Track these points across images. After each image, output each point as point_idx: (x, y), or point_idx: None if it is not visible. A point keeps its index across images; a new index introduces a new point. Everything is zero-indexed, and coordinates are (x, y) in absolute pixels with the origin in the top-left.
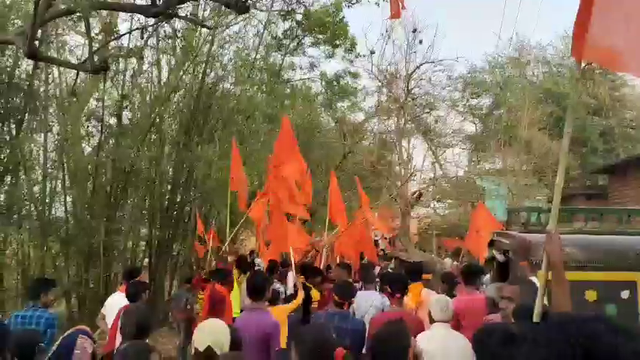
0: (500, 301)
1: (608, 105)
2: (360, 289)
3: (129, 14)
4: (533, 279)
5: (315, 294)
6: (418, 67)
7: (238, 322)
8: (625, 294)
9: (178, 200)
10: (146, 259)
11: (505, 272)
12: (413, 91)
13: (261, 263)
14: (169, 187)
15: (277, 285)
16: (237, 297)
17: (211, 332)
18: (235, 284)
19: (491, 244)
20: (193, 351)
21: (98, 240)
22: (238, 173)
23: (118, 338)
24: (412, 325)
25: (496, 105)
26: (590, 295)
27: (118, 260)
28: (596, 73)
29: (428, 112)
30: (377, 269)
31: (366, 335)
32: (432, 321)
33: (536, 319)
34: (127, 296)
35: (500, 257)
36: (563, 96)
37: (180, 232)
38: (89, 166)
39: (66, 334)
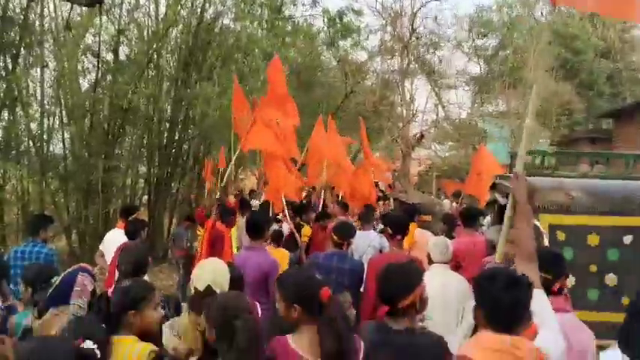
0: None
1: (616, 47)
2: (359, 229)
3: None
4: (536, 222)
5: (306, 230)
6: (424, 5)
7: (237, 261)
8: (627, 239)
9: (177, 138)
10: (145, 197)
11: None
12: (417, 30)
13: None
14: (168, 124)
15: (276, 226)
16: (234, 236)
17: (211, 271)
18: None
19: (493, 186)
20: (193, 290)
21: (96, 177)
22: (241, 113)
23: (117, 275)
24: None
25: (502, 46)
26: (592, 240)
27: (117, 197)
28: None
29: (432, 52)
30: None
31: (364, 275)
32: (430, 262)
33: (498, 259)
34: (126, 233)
35: (502, 200)
36: (572, 37)
37: (179, 170)
38: (86, 103)
39: (67, 271)
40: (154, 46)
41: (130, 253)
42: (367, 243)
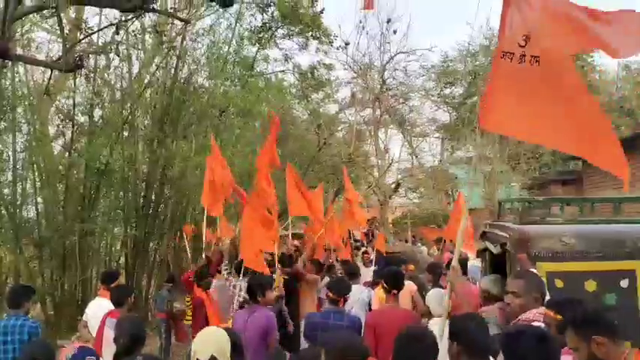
0: (506, 295)
1: None
2: None
3: (98, 9)
4: (534, 270)
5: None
6: (392, 58)
7: (237, 322)
8: (624, 283)
9: (154, 198)
10: (122, 259)
11: (499, 265)
12: (387, 82)
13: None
14: (144, 185)
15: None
16: None
17: (213, 342)
18: None
19: (483, 235)
20: None
21: (72, 241)
22: (215, 172)
23: (108, 346)
24: (408, 320)
25: (469, 94)
26: (590, 285)
27: (94, 262)
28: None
29: (403, 103)
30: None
31: (362, 330)
32: (429, 315)
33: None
34: (112, 301)
35: (495, 249)
36: None
37: (157, 231)
38: (60, 166)
39: (71, 355)
40: (129, 106)
41: (126, 326)
42: (356, 297)
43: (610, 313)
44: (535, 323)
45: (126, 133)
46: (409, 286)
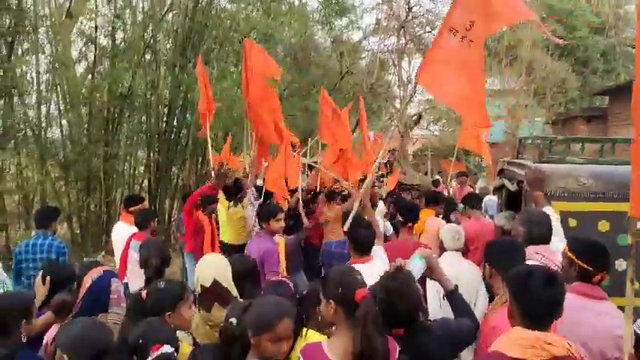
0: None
1: (610, 23)
2: None
3: None
4: (547, 209)
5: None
6: None
7: (248, 249)
8: (639, 224)
9: (176, 123)
10: (145, 183)
11: (515, 202)
12: (414, 9)
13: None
14: (166, 110)
15: None
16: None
17: (214, 267)
18: (225, 211)
19: (501, 172)
20: (199, 288)
21: (97, 164)
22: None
23: (132, 265)
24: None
25: None
26: (603, 226)
27: (118, 184)
28: None
29: (429, 32)
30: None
31: None
32: (442, 248)
33: None
34: (136, 224)
35: (512, 187)
36: (567, 13)
37: (179, 156)
38: (84, 90)
39: (95, 275)
40: (151, 30)
41: (153, 248)
42: None
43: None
44: (532, 261)
45: (148, 57)
46: (435, 223)
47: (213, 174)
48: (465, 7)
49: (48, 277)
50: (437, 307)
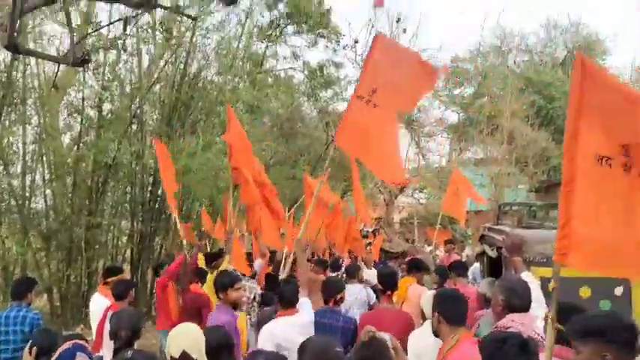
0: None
1: None
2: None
3: (108, 4)
4: (526, 275)
5: None
6: None
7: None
8: (618, 290)
9: (160, 193)
10: (128, 253)
11: (497, 268)
12: None
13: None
14: (151, 179)
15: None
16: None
17: (185, 337)
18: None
19: (482, 238)
20: (168, 357)
21: (79, 234)
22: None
23: (107, 343)
24: (401, 322)
25: (478, 94)
26: (584, 292)
27: (100, 255)
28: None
29: None
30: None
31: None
32: (424, 317)
33: None
34: (114, 295)
35: (492, 253)
36: (545, 85)
37: (163, 225)
38: (69, 160)
39: (63, 348)
40: (138, 101)
41: (124, 318)
42: (353, 297)
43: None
44: (511, 329)
45: (134, 127)
46: (417, 290)
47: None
48: (369, 78)
49: (34, 347)
50: None
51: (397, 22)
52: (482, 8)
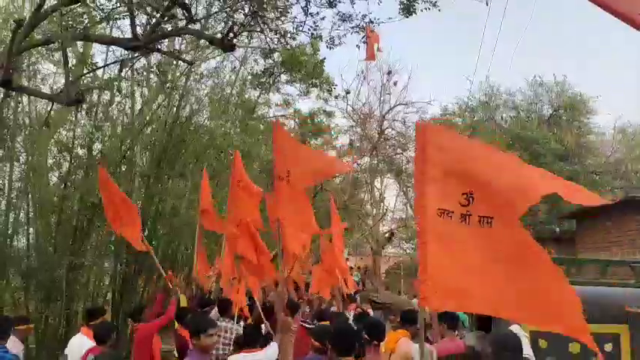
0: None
1: (574, 151)
2: None
3: (105, 45)
4: (515, 328)
5: None
6: (392, 109)
7: None
8: (608, 347)
9: (145, 234)
10: (110, 295)
11: (485, 321)
12: (386, 132)
13: None
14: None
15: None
16: None
17: None
18: None
19: None
20: None
21: (60, 274)
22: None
23: None
24: None
25: None
26: (574, 348)
27: (80, 296)
28: (563, 120)
29: (400, 153)
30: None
31: None
32: None
33: None
34: (95, 337)
35: None
36: (531, 141)
37: (147, 268)
38: (55, 198)
39: None
40: (128, 142)
41: None
42: None
43: None
44: None
45: (123, 168)
46: (407, 343)
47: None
48: (282, 158)
49: None
50: None
51: (388, 74)
52: (472, 62)
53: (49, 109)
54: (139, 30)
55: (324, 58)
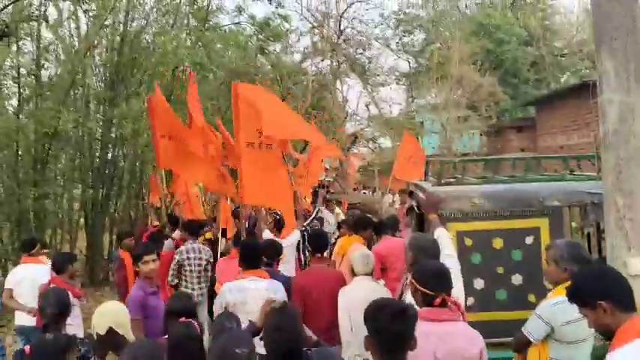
0: None
1: (539, 35)
2: None
3: None
4: (440, 231)
5: None
6: (349, 6)
7: None
8: (529, 239)
9: (109, 158)
10: (82, 220)
11: (423, 223)
12: (345, 32)
13: None
14: (99, 145)
15: None
16: None
17: (109, 313)
18: None
19: (411, 194)
20: (95, 336)
21: (27, 206)
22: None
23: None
24: (333, 280)
25: (429, 41)
26: (497, 243)
27: (51, 224)
28: (528, 3)
29: (361, 53)
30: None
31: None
32: (353, 274)
33: None
34: (54, 268)
35: (417, 209)
36: (495, 28)
37: (116, 190)
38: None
39: None
40: (77, 66)
41: (50, 297)
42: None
43: (517, 268)
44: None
45: (77, 92)
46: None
47: None
48: (246, 123)
49: None
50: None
51: None
52: None
53: None
54: None
55: None
